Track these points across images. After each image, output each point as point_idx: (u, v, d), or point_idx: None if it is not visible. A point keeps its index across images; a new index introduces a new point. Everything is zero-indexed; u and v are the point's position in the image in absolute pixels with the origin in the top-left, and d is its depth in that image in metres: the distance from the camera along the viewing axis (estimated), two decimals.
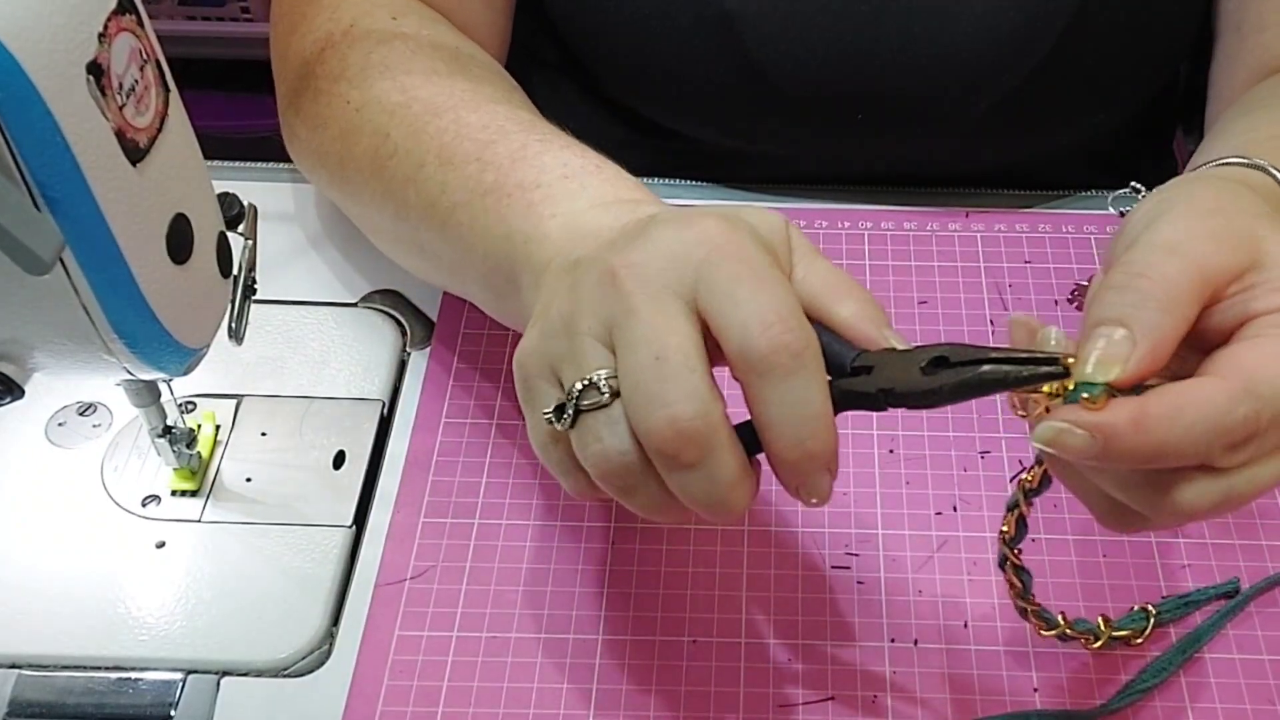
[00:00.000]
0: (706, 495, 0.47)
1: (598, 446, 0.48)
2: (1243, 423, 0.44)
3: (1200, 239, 0.47)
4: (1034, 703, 0.58)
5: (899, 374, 0.47)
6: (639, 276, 0.48)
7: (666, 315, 0.47)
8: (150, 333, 0.53)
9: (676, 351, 0.46)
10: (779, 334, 0.46)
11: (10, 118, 0.45)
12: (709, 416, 0.46)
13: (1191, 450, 0.45)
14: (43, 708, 0.58)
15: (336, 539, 0.64)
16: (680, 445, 0.46)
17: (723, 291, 0.47)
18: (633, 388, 0.47)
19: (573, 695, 0.59)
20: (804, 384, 0.46)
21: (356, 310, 0.75)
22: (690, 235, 0.48)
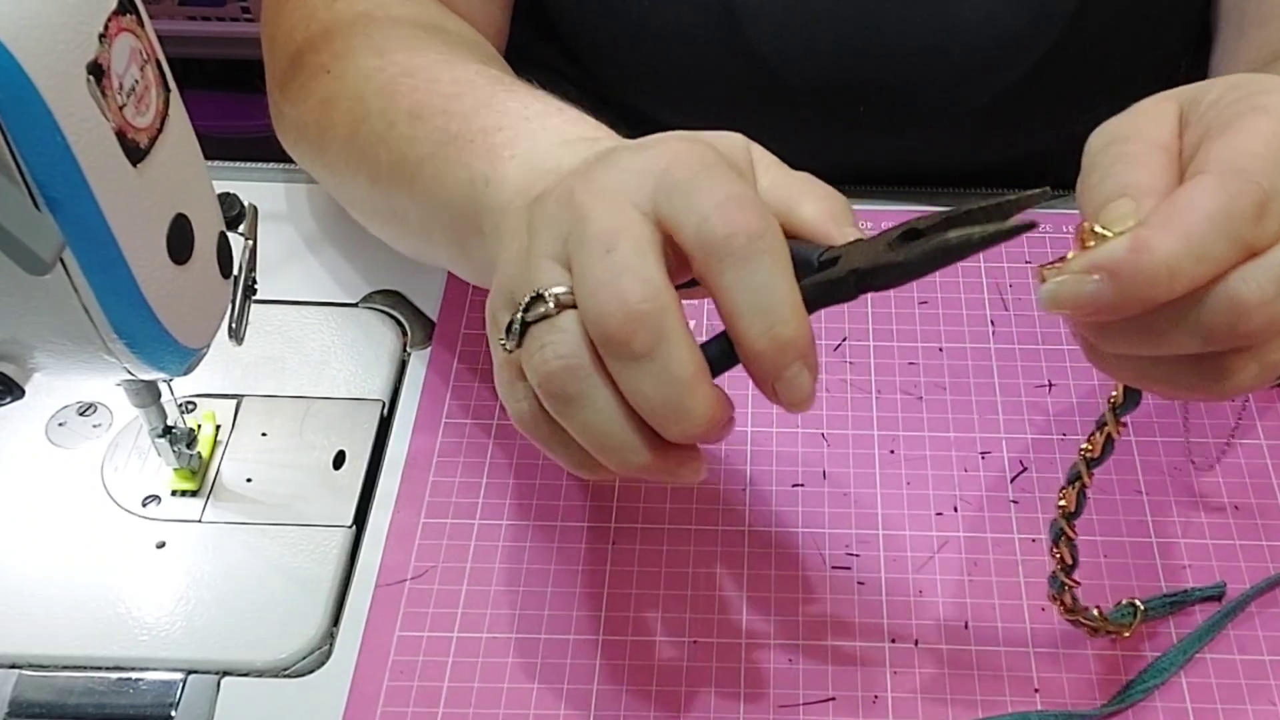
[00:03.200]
0: (660, 394, 0.45)
1: (541, 354, 0.46)
2: (1243, 194, 0.42)
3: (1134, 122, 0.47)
4: (1034, 703, 0.58)
5: (867, 256, 0.45)
6: (596, 189, 0.47)
7: (621, 216, 0.46)
8: (150, 333, 0.53)
9: (627, 241, 0.45)
10: (734, 215, 0.44)
11: (10, 118, 0.45)
12: (659, 298, 0.44)
13: (1212, 245, 0.41)
14: (43, 708, 0.58)
15: (336, 539, 0.64)
16: (630, 329, 0.44)
17: (680, 192, 0.45)
18: (583, 281, 0.45)
19: (573, 695, 0.59)
20: (766, 266, 0.44)
21: (356, 310, 0.75)
22: (650, 153, 0.47)
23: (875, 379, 0.71)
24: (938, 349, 0.72)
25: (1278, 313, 0.42)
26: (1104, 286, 0.42)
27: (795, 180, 0.50)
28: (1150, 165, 0.45)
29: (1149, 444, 0.68)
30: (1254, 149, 0.43)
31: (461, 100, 0.61)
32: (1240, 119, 0.44)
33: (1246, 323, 0.42)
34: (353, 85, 0.66)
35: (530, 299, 0.46)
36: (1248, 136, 0.43)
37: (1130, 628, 0.60)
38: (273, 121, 0.76)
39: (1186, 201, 0.42)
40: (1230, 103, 0.45)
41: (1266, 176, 0.42)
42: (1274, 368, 0.44)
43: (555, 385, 0.46)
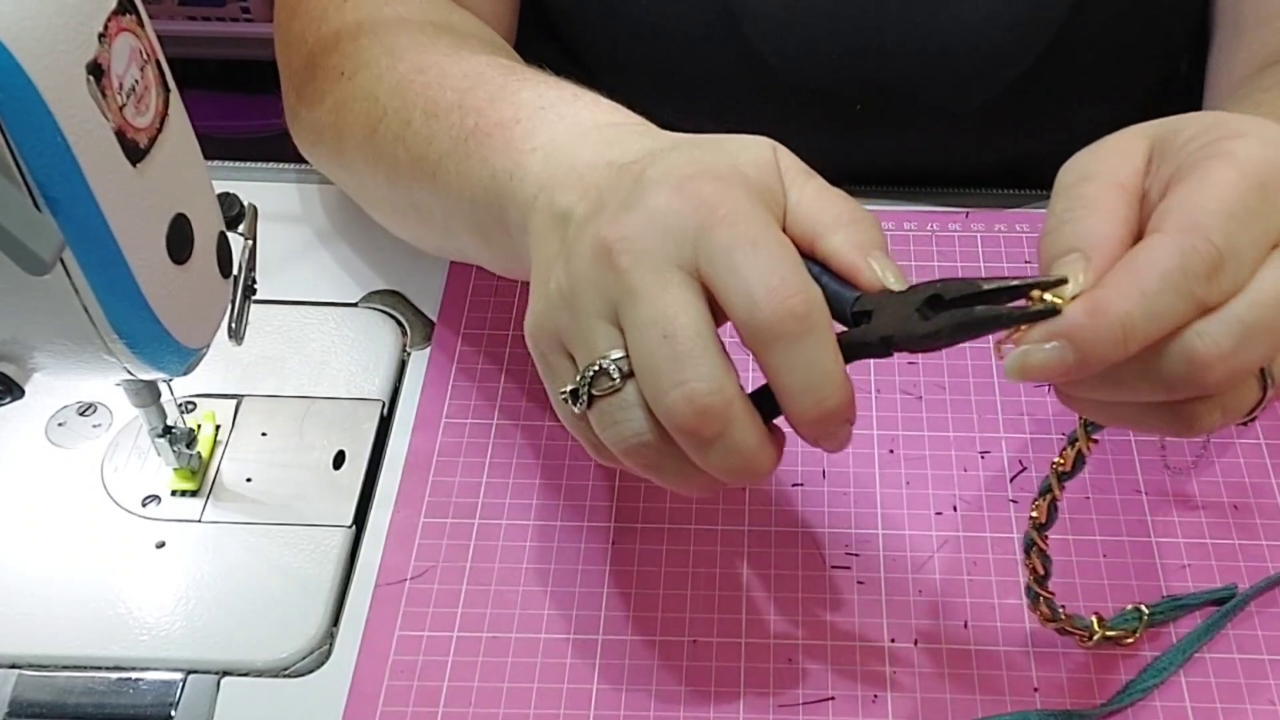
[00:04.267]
0: (731, 465, 0.48)
1: (615, 430, 0.49)
2: (1197, 252, 0.43)
3: (1101, 158, 0.48)
4: (1034, 703, 0.58)
5: (898, 318, 0.47)
6: (635, 251, 0.47)
7: (670, 292, 0.47)
8: (150, 333, 0.53)
9: (685, 329, 0.46)
10: (783, 300, 0.46)
11: (10, 118, 0.45)
12: (724, 391, 0.46)
13: (1166, 304, 0.43)
14: (43, 708, 0.58)
15: (336, 539, 0.64)
16: (699, 422, 0.46)
17: (722, 261, 0.47)
18: (646, 370, 0.47)
19: (573, 695, 0.59)
20: (814, 346, 0.46)
21: (356, 310, 0.75)
22: (682, 202, 0.48)
23: (875, 379, 0.71)
24: None
25: (1235, 365, 0.44)
26: (1064, 351, 0.43)
27: (825, 201, 0.50)
28: (1106, 211, 0.46)
29: (1149, 444, 0.68)
30: (1211, 205, 0.44)
31: (475, 94, 0.61)
32: (1205, 165, 0.45)
33: (1204, 376, 0.44)
34: (366, 86, 0.67)
35: (594, 373, 0.48)
36: (1207, 189, 0.44)
37: (1135, 635, 0.59)
38: (289, 125, 0.76)
39: (1142, 261, 0.43)
40: (1201, 145, 0.46)
41: (1221, 234, 0.43)
42: (1238, 411, 0.46)
43: (636, 459, 0.49)
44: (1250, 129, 0.46)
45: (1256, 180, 0.44)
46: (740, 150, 0.51)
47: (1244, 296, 0.44)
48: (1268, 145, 0.46)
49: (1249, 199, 0.44)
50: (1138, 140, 0.48)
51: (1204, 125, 0.47)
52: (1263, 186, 0.44)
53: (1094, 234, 0.45)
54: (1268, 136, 0.46)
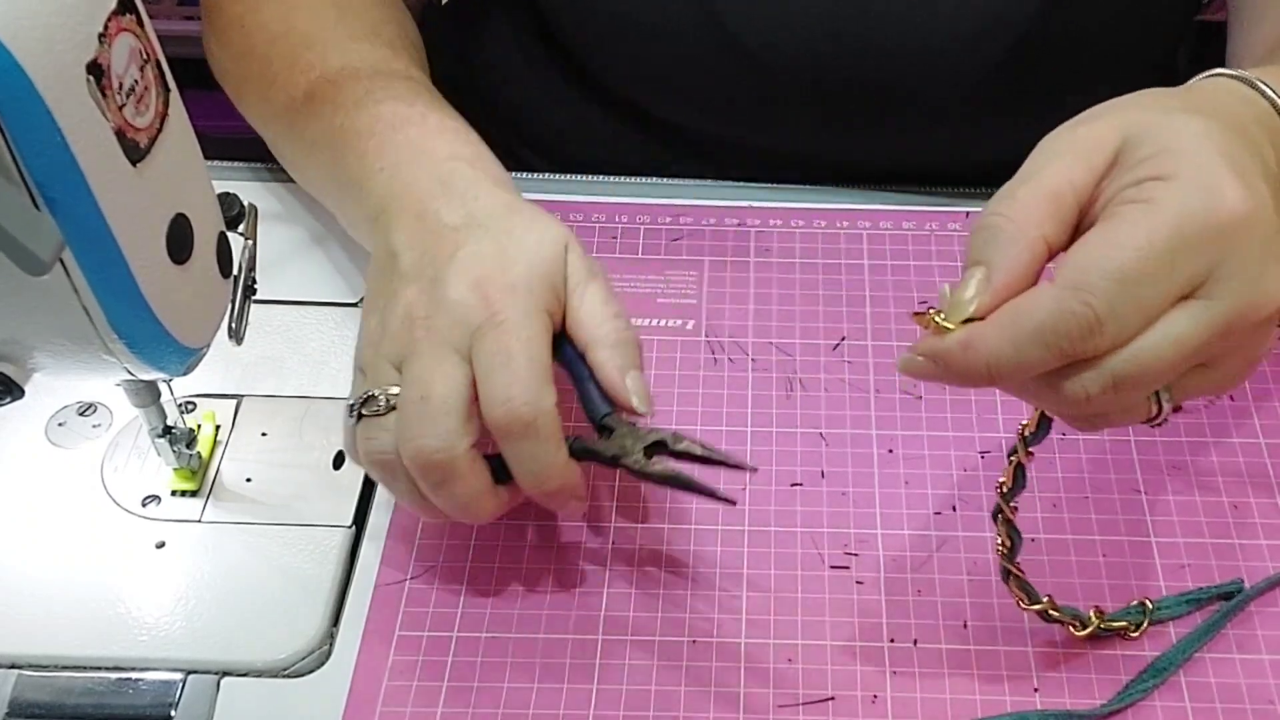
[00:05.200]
0: (450, 507, 0.58)
1: (367, 444, 0.58)
2: (1074, 317, 0.46)
3: (1054, 157, 0.49)
4: (1034, 703, 0.58)
5: (629, 447, 0.58)
6: (428, 328, 0.58)
7: (441, 366, 0.57)
8: (150, 333, 0.53)
9: (437, 398, 0.56)
10: (514, 408, 0.56)
11: (10, 118, 0.45)
12: (452, 451, 0.56)
13: (1033, 356, 0.47)
14: (43, 708, 0.58)
15: (336, 539, 0.64)
16: (425, 471, 0.57)
17: (484, 363, 0.57)
18: (400, 415, 0.57)
19: (573, 695, 0.59)
20: (536, 446, 0.57)
21: (356, 310, 0.75)
22: (473, 301, 0.58)
23: (874, 379, 0.71)
24: None
25: (1104, 407, 0.48)
26: (937, 367, 0.49)
27: (600, 315, 0.60)
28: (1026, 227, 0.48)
29: (1149, 444, 0.68)
30: (1107, 266, 0.46)
31: (343, 91, 0.70)
32: (1123, 215, 0.47)
33: (1079, 410, 0.49)
34: (261, 46, 0.76)
35: (369, 396, 0.58)
36: (1110, 250, 0.46)
37: (1139, 628, 0.60)
38: (205, 51, 0.83)
39: (1023, 311, 0.47)
40: (1140, 180, 0.47)
41: (1105, 300, 0.45)
42: (1130, 423, 0.51)
43: (379, 470, 0.60)
44: (1184, 169, 0.47)
45: (1168, 241, 0.46)
46: (537, 247, 0.60)
47: (1123, 352, 0.46)
48: (1197, 193, 0.46)
49: (1149, 264, 0.46)
50: (1108, 137, 0.49)
51: (1159, 146, 0.48)
52: (1170, 248, 0.46)
53: (1001, 259, 0.48)
54: (1204, 173, 0.47)
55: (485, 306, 0.58)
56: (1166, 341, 0.46)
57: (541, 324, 0.58)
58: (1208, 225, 0.46)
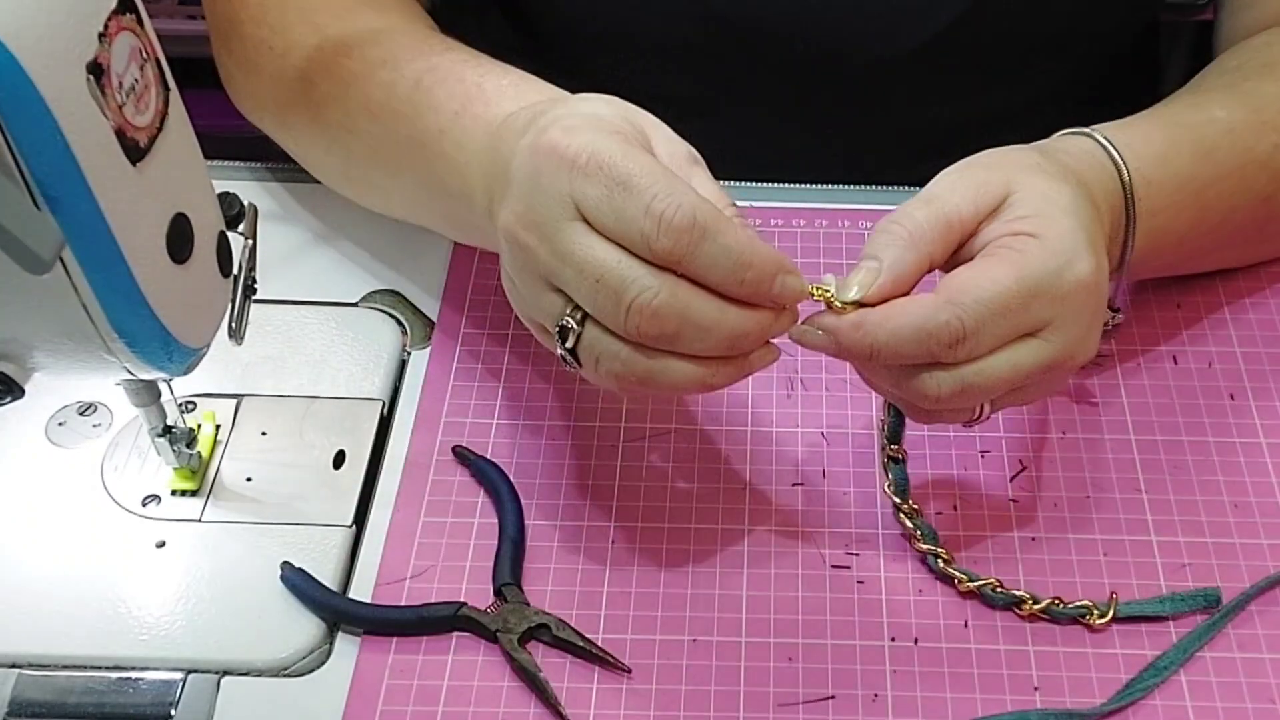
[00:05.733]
0: (709, 343, 0.54)
1: (598, 367, 0.55)
2: (945, 326, 0.54)
3: (954, 190, 0.58)
4: (1034, 702, 0.58)
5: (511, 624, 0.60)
6: (528, 225, 0.54)
7: (575, 244, 0.53)
8: (150, 332, 0.53)
9: (604, 264, 0.52)
10: (669, 224, 0.52)
11: (10, 117, 0.45)
12: (665, 288, 0.52)
13: (907, 348, 0.55)
14: (43, 707, 0.58)
15: (336, 539, 0.64)
16: (661, 323, 0.53)
17: (604, 213, 0.52)
18: (597, 313, 0.54)
19: (573, 695, 0.58)
20: (714, 243, 0.52)
21: (356, 310, 0.75)
22: (538, 163, 0.54)
23: None
24: None
25: (949, 405, 0.57)
26: (828, 340, 0.56)
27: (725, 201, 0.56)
28: (920, 239, 0.56)
29: (1149, 443, 0.68)
30: (980, 294, 0.55)
31: (401, 98, 0.67)
32: (1000, 256, 0.56)
33: (923, 402, 0.57)
34: (298, 65, 0.73)
35: (559, 334, 0.55)
36: (985, 281, 0.55)
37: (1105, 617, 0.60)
38: (221, 77, 0.79)
39: (908, 311, 0.55)
40: (1018, 233, 0.56)
41: (973, 320, 0.54)
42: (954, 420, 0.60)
43: (624, 383, 0.55)
44: (1050, 232, 0.56)
45: (1028, 288, 0.55)
46: (583, 100, 0.58)
47: (974, 365, 0.56)
48: (1057, 256, 0.56)
49: (1012, 302, 0.55)
50: (998, 189, 0.58)
51: (1034, 209, 0.57)
52: (1030, 294, 0.55)
53: (895, 258, 0.56)
54: (1066, 241, 0.56)
55: (567, 164, 0.53)
56: (1008, 365, 0.56)
57: (622, 138, 0.54)
58: (1060, 283, 0.55)
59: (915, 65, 0.81)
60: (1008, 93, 0.84)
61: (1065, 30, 0.83)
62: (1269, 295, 0.75)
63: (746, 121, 0.85)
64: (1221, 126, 0.68)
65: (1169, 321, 0.74)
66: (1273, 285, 0.76)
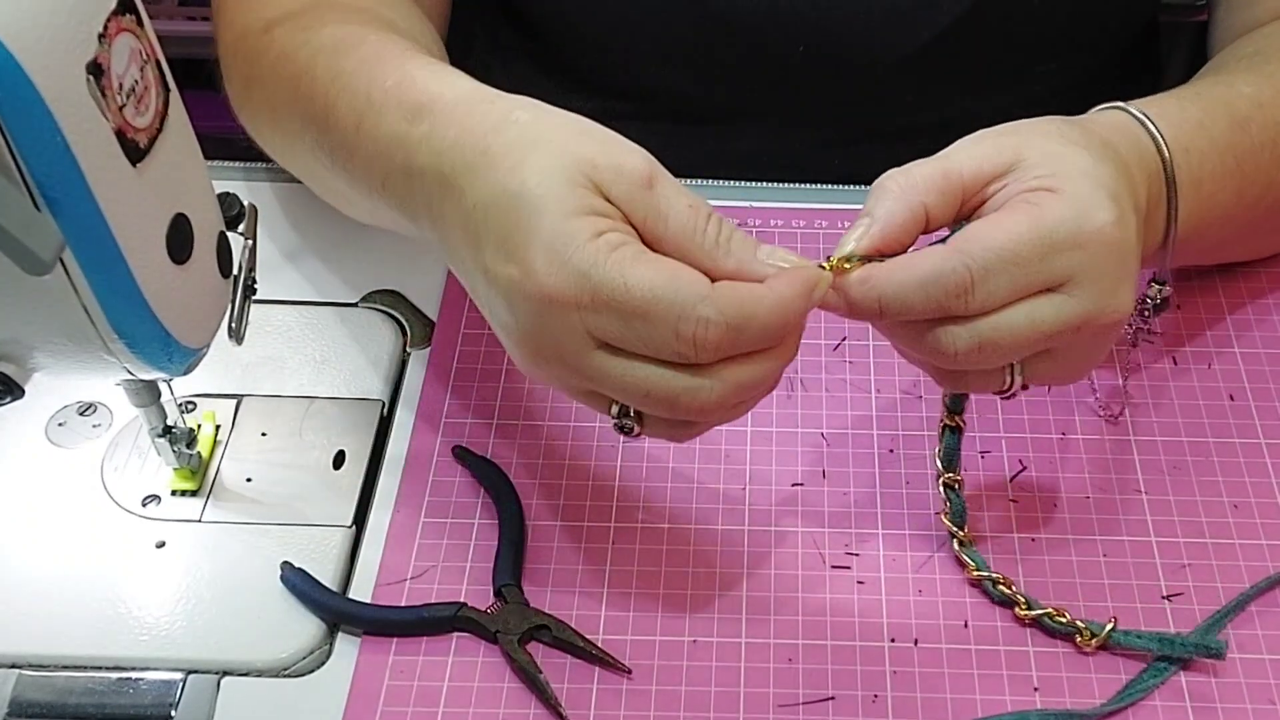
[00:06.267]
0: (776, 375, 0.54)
1: (671, 436, 0.56)
2: (952, 274, 0.53)
3: (959, 149, 0.57)
4: (1034, 702, 0.58)
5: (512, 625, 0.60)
6: (552, 356, 0.53)
7: (613, 369, 0.52)
8: (150, 333, 0.53)
9: (650, 382, 0.52)
10: (707, 342, 0.51)
11: (10, 118, 0.45)
12: (719, 383, 0.52)
13: (915, 299, 0.54)
14: (43, 708, 0.58)
15: (336, 539, 0.64)
16: (723, 404, 0.53)
17: (629, 341, 0.51)
18: (659, 422, 0.55)
19: (573, 695, 0.58)
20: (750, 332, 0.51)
21: (356, 310, 0.75)
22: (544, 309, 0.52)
23: (875, 379, 0.71)
24: None
25: (966, 363, 0.55)
26: (840, 301, 0.55)
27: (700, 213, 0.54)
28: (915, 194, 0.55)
29: (1149, 444, 0.68)
30: (991, 243, 0.53)
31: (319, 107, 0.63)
32: (1014, 207, 0.55)
33: (941, 360, 0.56)
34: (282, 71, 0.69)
35: (616, 422, 0.55)
36: (998, 231, 0.54)
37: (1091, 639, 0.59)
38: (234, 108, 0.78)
39: (914, 263, 0.54)
40: (1029, 186, 0.55)
41: (981, 267, 0.53)
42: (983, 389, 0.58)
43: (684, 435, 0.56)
44: (1069, 187, 0.55)
45: (1044, 237, 0.53)
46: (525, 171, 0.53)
47: (989, 319, 0.54)
48: (1074, 207, 0.54)
49: (1024, 250, 0.53)
50: (1009, 151, 0.56)
51: (1052, 169, 0.55)
52: (1045, 243, 0.53)
53: (884, 209, 0.55)
54: (1083, 195, 0.54)
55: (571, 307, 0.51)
56: (1027, 320, 0.54)
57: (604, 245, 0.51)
58: (1078, 234, 0.54)
59: (915, 67, 0.82)
60: (1008, 94, 0.84)
61: (1065, 30, 0.83)
62: (1269, 296, 0.75)
63: (747, 123, 0.85)
64: (1251, 100, 0.68)
65: (1169, 322, 0.74)
66: (1273, 286, 0.76)
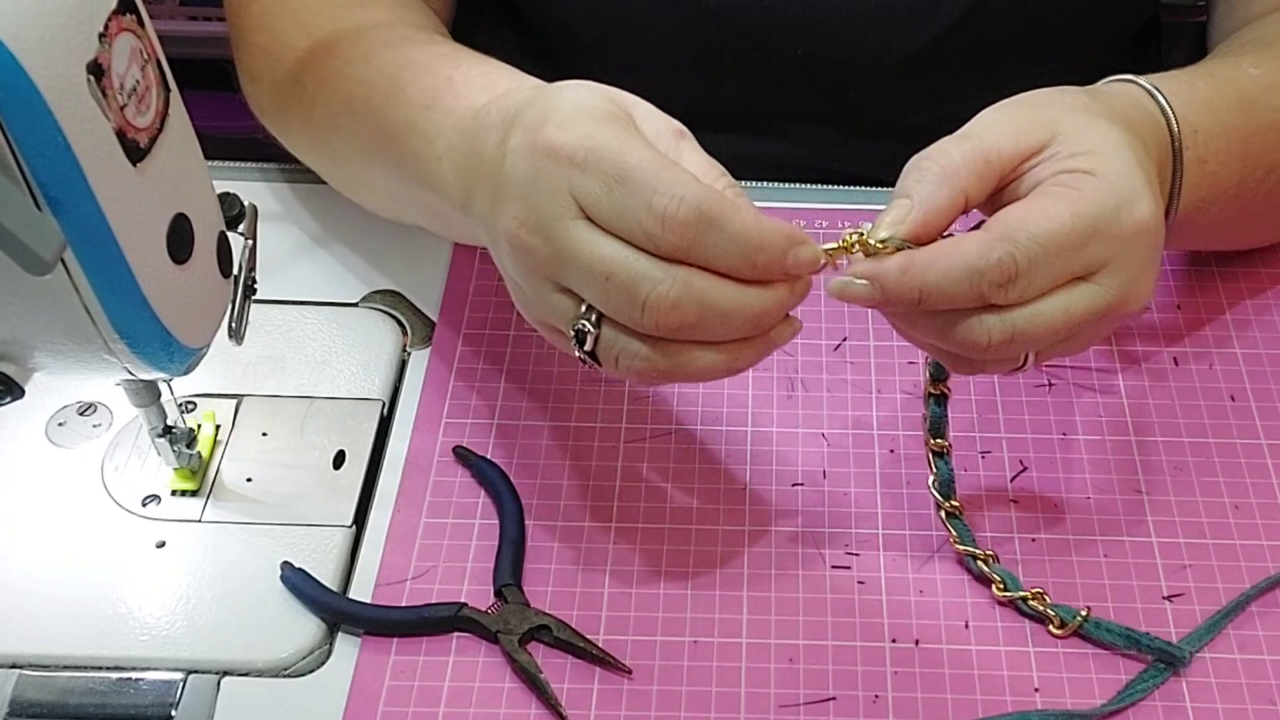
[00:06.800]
0: (739, 325, 0.52)
1: (620, 365, 0.53)
2: (998, 264, 0.51)
3: (993, 126, 0.56)
4: (1034, 703, 0.58)
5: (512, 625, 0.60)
6: (530, 226, 0.53)
7: (580, 243, 0.51)
8: (151, 333, 0.53)
9: (613, 261, 0.51)
10: (674, 218, 0.50)
11: (11, 118, 0.45)
12: (678, 278, 0.50)
13: (957, 290, 0.52)
14: (43, 708, 0.58)
15: (336, 539, 0.64)
16: (679, 316, 0.51)
17: (605, 209, 0.51)
18: (611, 312, 0.52)
19: (573, 696, 0.58)
20: (720, 232, 0.50)
21: (356, 310, 0.75)
22: (536, 163, 0.52)
23: (875, 379, 0.71)
24: None
25: (999, 353, 0.54)
26: (872, 293, 0.53)
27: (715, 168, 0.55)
28: (949, 180, 0.53)
29: (1149, 444, 0.68)
30: (1035, 230, 0.52)
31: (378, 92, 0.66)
32: (1054, 193, 0.53)
33: (972, 351, 0.54)
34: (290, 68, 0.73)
35: (576, 336, 0.53)
36: (1040, 217, 0.52)
37: (1063, 626, 0.60)
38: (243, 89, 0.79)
39: (956, 250, 0.52)
40: (1070, 170, 0.53)
41: (1027, 257, 0.51)
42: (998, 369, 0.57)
43: (646, 377, 0.54)
44: (1105, 168, 0.53)
45: (1086, 225, 0.52)
46: (566, 89, 0.55)
47: (1027, 309, 0.53)
48: (1116, 195, 0.53)
49: (1067, 240, 0.52)
50: (1042, 128, 0.55)
51: (1088, 146, 0.54)
52: (1087, 232, 0.52)
53: (926, 193, 0.53)
54: (1124, 180, 0.53)
55: (554, 156, 0.52)
56: (1062, 311, 0.53)
57: (619, 126, 0.52)
58: (1119, 223, 0.53)
59: (916, 68, 0.81)
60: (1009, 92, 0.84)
61: (1065, 29, 0.83)
62: (1269, 296, 0.75)
63: (748, 124, 0.85)
64: (1259, 82, 0.68)
65: (1169, 322, 0.74)
66: (1273, 286, 0.76)
